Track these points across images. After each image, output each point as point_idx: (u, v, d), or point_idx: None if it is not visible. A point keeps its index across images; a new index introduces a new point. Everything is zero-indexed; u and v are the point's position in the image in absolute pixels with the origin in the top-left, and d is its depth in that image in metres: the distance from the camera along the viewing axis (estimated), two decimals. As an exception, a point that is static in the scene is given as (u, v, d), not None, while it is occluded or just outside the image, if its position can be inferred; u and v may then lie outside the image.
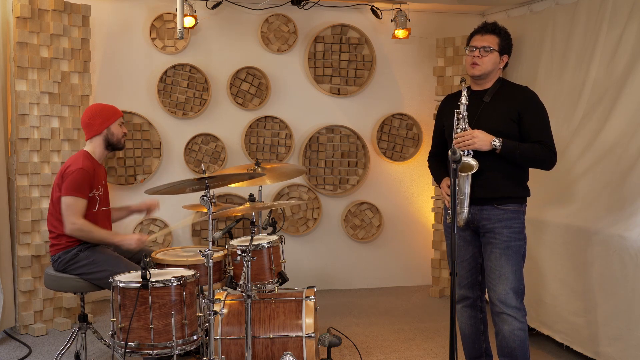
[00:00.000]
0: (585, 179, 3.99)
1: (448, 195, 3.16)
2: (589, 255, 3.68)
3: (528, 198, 3.26)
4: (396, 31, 5.45)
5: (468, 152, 3.08)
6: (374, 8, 5.46)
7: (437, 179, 3.37)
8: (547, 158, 3.12)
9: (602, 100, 4.09)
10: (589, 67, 4.26)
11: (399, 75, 5.79)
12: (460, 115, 3.11)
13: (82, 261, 3.47)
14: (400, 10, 5.43)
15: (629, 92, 3.91)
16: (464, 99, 3.09)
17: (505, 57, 3.23)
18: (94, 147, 3.71)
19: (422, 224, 5.85)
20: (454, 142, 3.11)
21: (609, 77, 4.11)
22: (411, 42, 5.75)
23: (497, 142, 3.04)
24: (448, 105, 3.34)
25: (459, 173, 3.06)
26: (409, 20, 5.45)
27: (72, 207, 3.47)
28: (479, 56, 3.17)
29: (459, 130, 3.11)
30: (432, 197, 5.64)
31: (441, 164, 3.39)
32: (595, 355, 3.65)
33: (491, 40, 3.18)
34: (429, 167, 3.48)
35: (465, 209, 3.12)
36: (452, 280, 2.73)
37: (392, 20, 5.48)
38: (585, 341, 3.72)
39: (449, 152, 2.75)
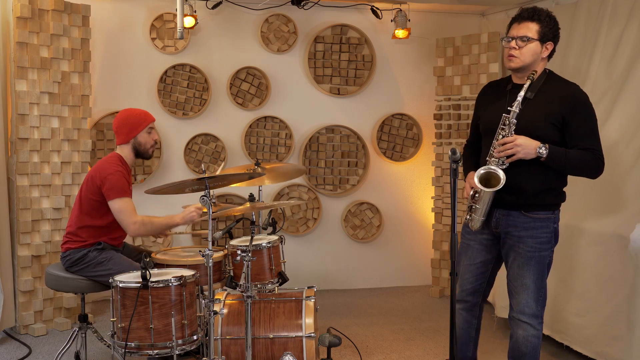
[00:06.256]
0: (586, 178, 3.99)
1: (471, 188, 3.02)
2: (589, 255, 3.68)
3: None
4: (396, 31, 5.45)
5: (503, 161, 2.90)
6: (374, 8, 5.46)
7: (465, 170, 3.20)
8: (594, 167, 2.91)
9: (602, 100, 4.09)
10: (589, 67, 4.26)
11: (399, 75, 5.79)
12: (508, 122, 2.87)
13: (89, 261, 3.47)
14: (400, 10, 5.43)
15: (629, 92, 3.91)
16: (516, 105, 2.85)
17: (549, 45, 2.93)
18: (125, 153, 3.63)
19: (422, 224, 5.85)
20: (494, 151, 2.91)
21: (609, 77, 4.11)
22: (411, 42, 5.75)
23: (543, 150, 2.81)
24: (486, 95, 3.14)
25: (485, 189, 2.88)
26: (409, 20, 5.45)
27: (125, 209, 3.43)
28: (515, 47, 2.90)
29: (501, 136, 2.90)
30: (432, 197, 5.64)
31: (472, 156, 3.18)
32: (595, 355, 3.65)
33: (530, 28, 2.89)
34: (462, 156, 3.21)
35: (482, 218, 2.99)
36: (452, 280, 2.68)
37: (392, 20, 5.48)
38: (585, 341, 3.72)
39: (449, 152, 2.62)
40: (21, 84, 4.34)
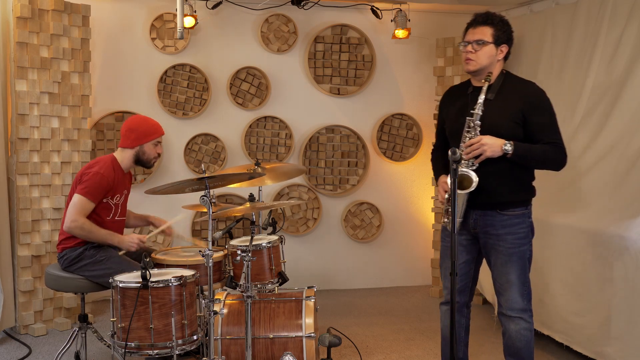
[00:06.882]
0: (585, 179, 3.99)
1: (444, 192, 3.10)
2: (589, 255, 3.68)
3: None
4: (396, 31, 5.45)
5: (472, 162, 2.95)
6: (374, 8, 5.47)
7: (435, 174, 3.31)
8: (557, 160, 3.01)
9: (602, 100, 4.09)
10: (589, 67, 4.26)
11: (399, 75, 5.79)
12: (472, 124, 2.95)
13: (86, 260, 3.47)
14: (400, 10, 5.43)
15: (629, 92, 3.91)
16: (478, 108, 2.94)
17: (504, 47, 3.05)
18: (123, 157, 3.64)
19: (422, 224, 5.85)
20: (462, 153, 2.97)
21: (609, 77, 4.10)
22: (411, 42, 5.75)
23: (509, 147, 2.90)
24: (449, 99, 3.23)
25: (459, 191, 2.92)
26: (409, 20, 5.45)
27: (78, 206, 3.45)
28: (472, 51, 3.03)
29: (467, 139, 2.97)
30: (432, 197, 5.64)
31: (440, 159, 3.28)
32: (595, 355, 3.65)
33: (484, 32, 3.04)
34: (431, 160, 3.40)
35: (459, 219, 3.03)
36: (452, 280, 2.71)
37: (392, 20, 5.48)
38: (585, 341, 3.72)
39: (449, 152, 2.65)
40: (21, 84, 4.34)
